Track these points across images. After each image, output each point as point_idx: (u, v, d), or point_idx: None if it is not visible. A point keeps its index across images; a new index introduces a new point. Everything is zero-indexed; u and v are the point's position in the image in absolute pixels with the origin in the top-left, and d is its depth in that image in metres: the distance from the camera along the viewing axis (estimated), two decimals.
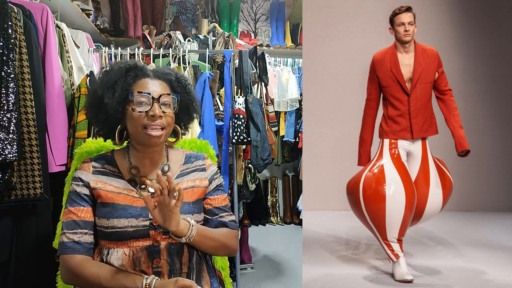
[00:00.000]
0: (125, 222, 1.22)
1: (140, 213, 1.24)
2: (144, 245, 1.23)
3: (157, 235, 1.24)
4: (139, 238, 1.23)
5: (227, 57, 2.66)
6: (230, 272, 1.78)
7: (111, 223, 1.22)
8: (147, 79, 1.29)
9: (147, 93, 1.24)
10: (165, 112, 1.25)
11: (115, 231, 1.22)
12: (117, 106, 1.25)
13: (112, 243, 1.23)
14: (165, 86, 1.30)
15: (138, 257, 1.22)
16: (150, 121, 1.23)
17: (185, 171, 1.37)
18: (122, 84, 1.25)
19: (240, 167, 2.73)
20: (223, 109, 2.68)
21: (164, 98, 1.26)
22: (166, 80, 1.32)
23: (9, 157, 1.74)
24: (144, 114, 1.23)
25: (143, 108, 1.24)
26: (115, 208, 1.24)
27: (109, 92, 1.25)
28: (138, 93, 1.24)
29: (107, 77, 1.28)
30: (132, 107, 1.24)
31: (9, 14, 1.82)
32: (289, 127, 4.19)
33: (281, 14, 4.71)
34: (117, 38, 4.17)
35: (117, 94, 1.25)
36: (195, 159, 1.40)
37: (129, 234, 1.22)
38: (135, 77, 1.28)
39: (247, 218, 4.24)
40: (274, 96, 3.99)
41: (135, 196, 1.27)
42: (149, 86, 1.27)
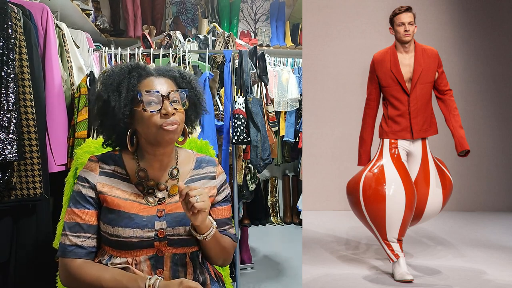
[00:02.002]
0: (130, 232, 1.19)
1: (146, 223, 1.21)
2: (147, 255, 1.21)
3: (161, 246, 1.21)
4: (143, 248, 1.20)
5: (227, 57, 2.66)
6: (230, 272, 1.78)
7: (116, 231, 1.19)
8: (152, 77, 1.25)
9: (155, 91, 1.21)
10: (176, 109, 1.21)
11: (119, 240, 1.19)
12: (124, 108, 1.20)
13: (115, 251, 1.21)
14: (171, 83, 1.26)
15: (141, 266, 1.20)
16: (164, 120, 1.19)
17: (195, 177, 1.33)
18: (127, 85, 1.21)
19: (240, 167, 2.73)
20: (223, 109, 2.68)
21: (173, 94, 1.22)
22: (171, 77, 1.28)
23: (9, 157, 1.74)
24: (156, 113, 1.20)
25: (153, 107, 1.19)
26: (121, 216, 1.20)
27: (114, 94, 1.20)
28: (146, 92, 1.21)
29: (110, 79, 1.23)
30: (143, 108, 1.20)
31: (9, 14, 1.82)
32: (289, 127, 4.19)
33: (281, 14, 4.71)
34: (117, 38, 4.17)
35: (123, 95, 1.20)
36: (206, 165, 1.37)
37: (133, 245, 1.19)
38: (139, 76, 1.24)
39: (247, 218, 4.24)
40: (274, 96, 3.99)
41: (142, 202, 1.24)
42: (156, 84, 1.23)
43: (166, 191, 1.27)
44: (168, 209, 1.24)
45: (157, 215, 1.23)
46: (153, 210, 1.23)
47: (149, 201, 1.24)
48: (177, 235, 1.22)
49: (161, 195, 1.26)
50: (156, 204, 1.25)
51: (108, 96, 1.21)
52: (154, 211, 1.23)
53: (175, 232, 1.22)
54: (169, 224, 1.22)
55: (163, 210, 1.24)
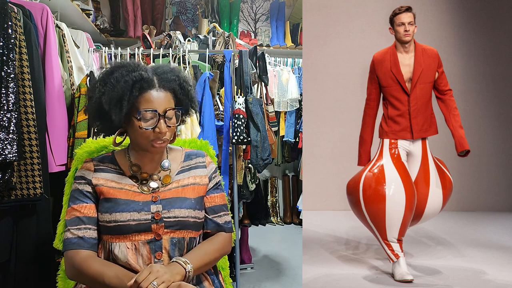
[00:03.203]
0: (127, 216, 1.24)
1: (142, 207, 1.26)
2: (146, 239, 1.25)
3: (158, 228, 1.26)
4: (141, 232, 1.25)
5: (227, 57, 2.66)
6: (230, 272, 1.78)
7: (114, 217, 1.24)
8: (152, 91, 1.26)
9: (153, 110, 1.25)
10: (170, 126, 1.28)
11: (118, 225, 1.24)
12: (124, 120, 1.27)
13: (115, 237, 1.25)
14: (170, 98, 1.29)
15: (140, 251, 1.24)
16: (156, 136, 1.26)
17: (185, 167, 1.39)
18: (128, 99, 1.23)
19: (240, 167, 2.73)
20: (223, 109, 2.68)
21: (169, 112, 1.27)
22: (171, 89, 1.30)
23: (9, 157, 1.74)
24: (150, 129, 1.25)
25: (149, 124, 1.25)
26: (117, 203, 1.26)
27: (116, 107, 1.23)
28: (146, 111, 1.24)
29: (113, 92, 1.23)
30: (139, 125, 1.24)
31: (9, 14, 1.82)
32: (289, 127, 4.19)
33: (281, 14, 4.71)
34: (117, 38, 4.16)
35: (124, 109, 1.24)
36: (195, 156, 1.43)
37: (131, 228, 1.24)
38: (141, 89, 1.25)
39: (247, 218, 4.25)
40: (274, 96, 3.99)
41: (136, 191, 1.30)
42: (154, 100, 1.25)
43: (160, 181, 1.34)
44: (162, 195, 1.30)
45: (152, 200, 1.29)
46: (148, 197, 1.30)
47: (143, 190, 1.31)
48: (173, 217, 1.27)
49: (155, 185, 1.32)
50: (151, 192, 1.31)
51: (109, 108, 1.24)
52: (149, 197, 1.30)
53: (171, 215, 1.27)
54: (164, 207, 1.28)
55: (157, 196, 1.30)
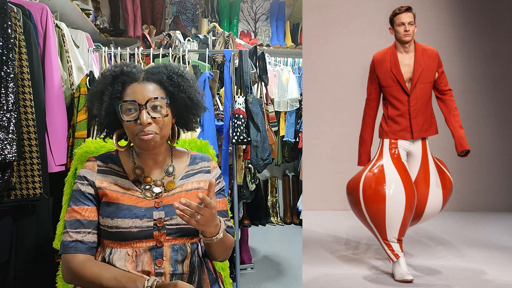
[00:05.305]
0: (129, 223, 1.21)
1: (145, 213, 1.23)
2: (147, 246, 1.22)
3: (160, 236, 1.23)
4: (143, 239, 1.22)
5: (227, 57, 2.66)
6: (230, 273, 1.78)
7: (115, 223, 1.21)
8: (135, 84, 1.25)
9: (132, 100, 1.22)
10: (155, 117, 1.22)
11: (119, 231, 1.21)
12: (105, 116, 1.25)
13: (116, 243, 1.23)
14: (155, 88, 1.25)
15: (141, 257, 1.21)
16: (140, 129, 1.21)
17: (190, 172, 1.36)
18: (110, 94, 1.23)
19: (240, 167, 2.73)
20: (223, 109, 2.68)
21: (152, 102, 1.22)
22: (156, 81, 1.26)
23: (8, 157, 1.74)
24: (133, 122, 1.22)
25: (130, 116, 1.22)
26: (120, 208, 1.23)
27: (97, 102, 1.24)
28: (124, 102, 1.22)
29: (95, 88, 1.26)
30: (122, 118, 1.22)
31: (8, 14, 1.82)
32: (289, 127, 4.19)
33: (281, 14, 4.71)
34: (116, 38, 4.16)
35: (105, 104, 1.23)
36: (200, 160, 1.40)
37: (132, 235, 1.21)
38: (124, 83, 1.24)
39: (247, 218, 4.25)
40: (274, 96, 3.99)
41: (139, 196, 1.27)
42: (137, 92, 1.23)
43: (163, 187, 1.30)
44: (165, 201, 1.27)
45: (155, 206, 1.26)
46: (150, 203, 1.27)
47: (146, 196, 1.27)
48: (175, 224, 1.25)
49: (158, 190, 1.29)
50: (154, 198, 1.28)
51: (92, 104, 1.25)
52: (152, 203, 1.26)
53: (173, 222, 1.25)
54: (167, 214, 1.25)
55: (160, 202, 1.27)
